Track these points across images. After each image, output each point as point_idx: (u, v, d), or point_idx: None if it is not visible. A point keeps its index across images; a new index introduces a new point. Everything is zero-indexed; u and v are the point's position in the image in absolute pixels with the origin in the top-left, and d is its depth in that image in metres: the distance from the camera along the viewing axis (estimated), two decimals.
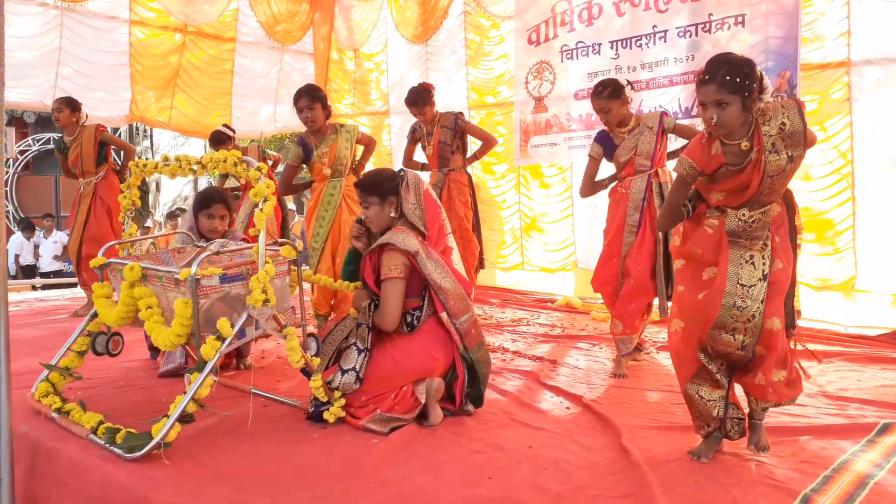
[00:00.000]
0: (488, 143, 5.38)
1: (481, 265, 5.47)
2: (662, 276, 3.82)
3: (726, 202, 2.45)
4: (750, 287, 2.39)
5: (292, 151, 4.41)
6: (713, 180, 2.46)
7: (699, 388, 2.50)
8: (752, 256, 2.41)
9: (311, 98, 4.26)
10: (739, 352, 2.43)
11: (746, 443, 2.57)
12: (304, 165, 4.50)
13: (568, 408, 3.19)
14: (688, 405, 2.57)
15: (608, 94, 3.80)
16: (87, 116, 5.78)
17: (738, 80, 2.28)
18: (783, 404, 2.53)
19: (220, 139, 6.13)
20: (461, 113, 5.37)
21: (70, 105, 5.63)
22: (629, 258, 3.84)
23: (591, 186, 4.07)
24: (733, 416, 2.53)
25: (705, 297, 2.46)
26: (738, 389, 2.60)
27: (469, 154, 5.41)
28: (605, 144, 3.98)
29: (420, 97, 5.18)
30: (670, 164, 3.79)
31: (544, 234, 7.02)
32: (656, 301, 3.92)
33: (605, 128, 3.98)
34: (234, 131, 6.36)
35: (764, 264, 2.40)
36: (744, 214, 2.40)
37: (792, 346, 2.53)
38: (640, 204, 3.84)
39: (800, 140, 2.33)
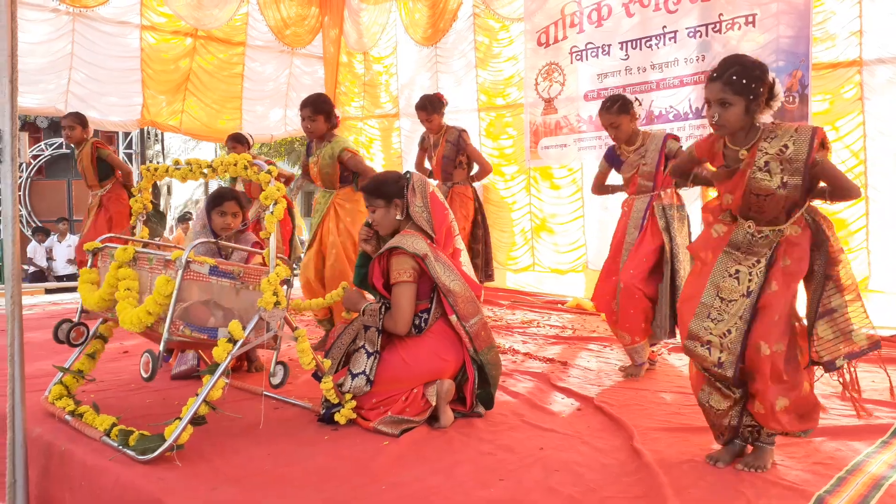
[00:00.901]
0: (484, 170, 5.48)
1: (490, 277, 5.48)
2: (668, 293, 3.71)
3: (729, 206, 2.43)
4: (730, 302, 2.34)
5: (303, 153, 4.75)
6: (716, 177, 2.47)
7: (709, 397, 2.44)
8: (737, 271, 2.35)
9: (312, 110, 4.37)
10: (717, 370, 2.34)
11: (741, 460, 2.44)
12: None
13: (579, 409, 3.18)
14: (702, 412, 2.52)
15: (617, 108, 3.74)
16: (92, 131, 5.89)
17: (744, 81, 2.24)
18: (792, 435, 2.41)
19: (238, 139, 6.36)
20: (465, 131, 5.39)
21: (81, 122, 5.76)
22: (623, 268, 3.78)
23: (599, 190, 4.18)
24: (749, 425, 2.42)
25: (682, 304, 2.45)
26: None
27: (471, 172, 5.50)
28: (612, 161, 3.98)
29: (430, 103, 5.27)
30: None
31: (555, 235, 7.01)
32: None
33: (614, 143, 3.95)
34: (252, 138, 6.54)
35: (750, 281, 2.32)
36: (750, 227, 2.36)
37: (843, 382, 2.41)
38: (640, 223, 3.80)
39: (799, 169, 2.24)
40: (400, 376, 2.84)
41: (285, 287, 2.87)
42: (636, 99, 3.86)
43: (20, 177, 13.76)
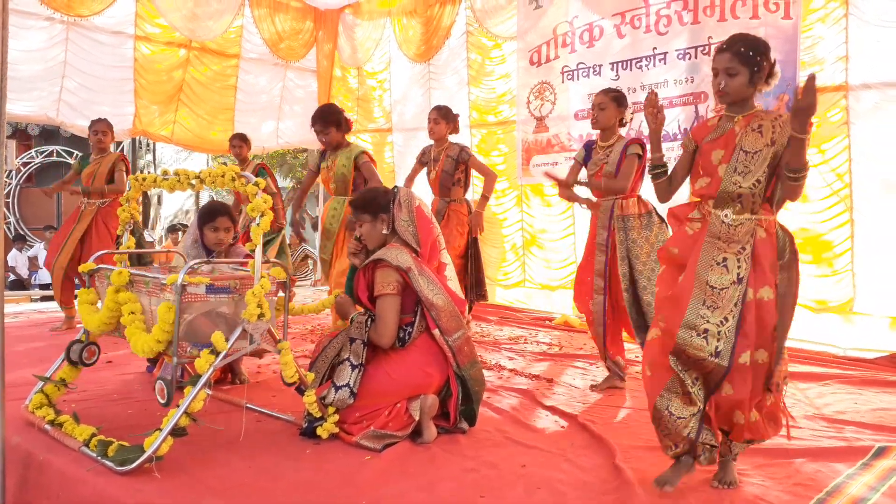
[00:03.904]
0: (490, 178, 5.38)
1: (483, 297, 5.40)
2: (632, 304, 3.76)
3: (706, 190, 2.48)
4: (721, 290, 2.34)
5: (312, 158, 4.69)
6: (698, 151, 2.56)
7: (669, 403, 2.35)
8: (724, 259, 2.37)
9: (322, 124, 4.51)
10: (713, 359, 2.29)
11: (713, 477, 2.45)
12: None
13: (563, 427, 3.18)
14: (655, 423, 2.40)
15: (613, 96, 3.84)
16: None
17: (751, 53, 2.42)
18: (759, 441, 2.46)
19: (244, 138, 6.63)
20: (467, 147, 5.42)
21: (112, 129, 5.85)
22: (613, 289, 3.82)
23: (565, 189, 4.00)
24: (706, 442, 2.37)
25: (673, 294, 2.44)
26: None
27: (471, 191, 5.54)
28: (588, 151, 4.02)
29: (448, 111, 5.34)
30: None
31: (545, 250, 7.04)
32: None
33: (595, 131, 4.03)
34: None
35: (739, 268, 2.35)
36: (727, 216, 2.41)
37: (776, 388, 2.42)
38: (607, 223, 3.82)
39: (786, 132, 2.34)
40: (384, 390, 2.83)
41: (279, 292, 2.92)
42: (631, 116, 3.93)
43: (9, 184, 13.70)
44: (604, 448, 2.83)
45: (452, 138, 5.43)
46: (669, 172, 2.68)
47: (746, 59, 2.42)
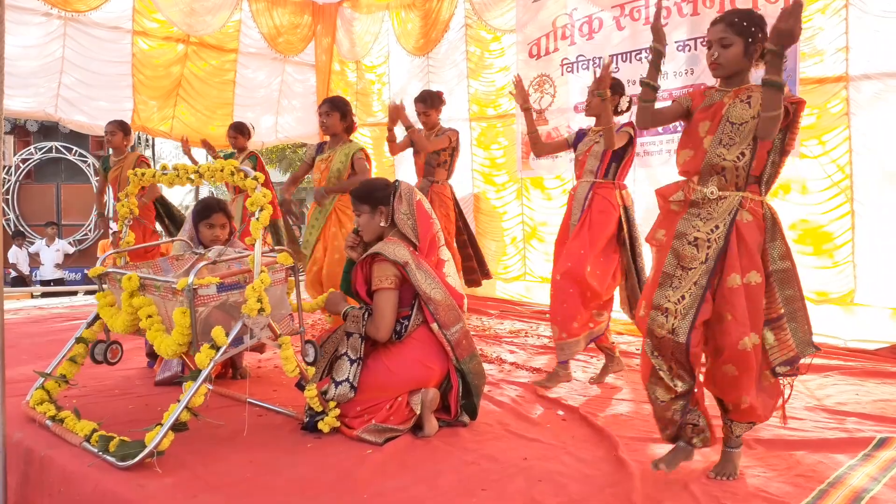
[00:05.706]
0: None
1: (487, 275, 5.55)
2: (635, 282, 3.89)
3: (689, 165, 2.46)
4: (689, 269, 2.36)
5: (307, 151, 4.86)
6: (687, 116, 2.54)
7: (655, 389, 2.42)
8: (696, 238, 2.37)
9: (330, 106, 4.64)
10: (670, 336, 2.31)
11: (712, 468, 2.47)
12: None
13: (564, 419, 3.18)
14: (651, 405, 2.49)
15: (612, 85, 3.86)
16: (134, 138, 5.98)
17: (744, 23, 2.40)
18: (759, 423, 2.48)
19: (240, 129, 6.62)
20: (456, 131, 5.48)
21: (123, 129, 5.87)
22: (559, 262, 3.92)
23: (540, 145, 4.13)
24: (691, 422, 2.42)
25: (650, 280, 2.47)
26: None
27: (449, 168, 5.53)
28: (579, 137, 4.12)
29: (430, 97, 5.40)
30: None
31: (546, 244, 7.02)
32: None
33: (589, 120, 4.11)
34: (254, 129, 6.85)
35: (709, 248, 2.34)
36: (712, 193, 2.40)
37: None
38: (582, 204, 3.94)
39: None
40: (384, 384, 2.83)
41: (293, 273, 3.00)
42: (630, 100, 3.94)
43: (8, 180, 13.69)
44: (605, 440, 2.83)
45: (450, 125, 5.51)
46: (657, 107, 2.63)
47: (741, 28, 2.39)
